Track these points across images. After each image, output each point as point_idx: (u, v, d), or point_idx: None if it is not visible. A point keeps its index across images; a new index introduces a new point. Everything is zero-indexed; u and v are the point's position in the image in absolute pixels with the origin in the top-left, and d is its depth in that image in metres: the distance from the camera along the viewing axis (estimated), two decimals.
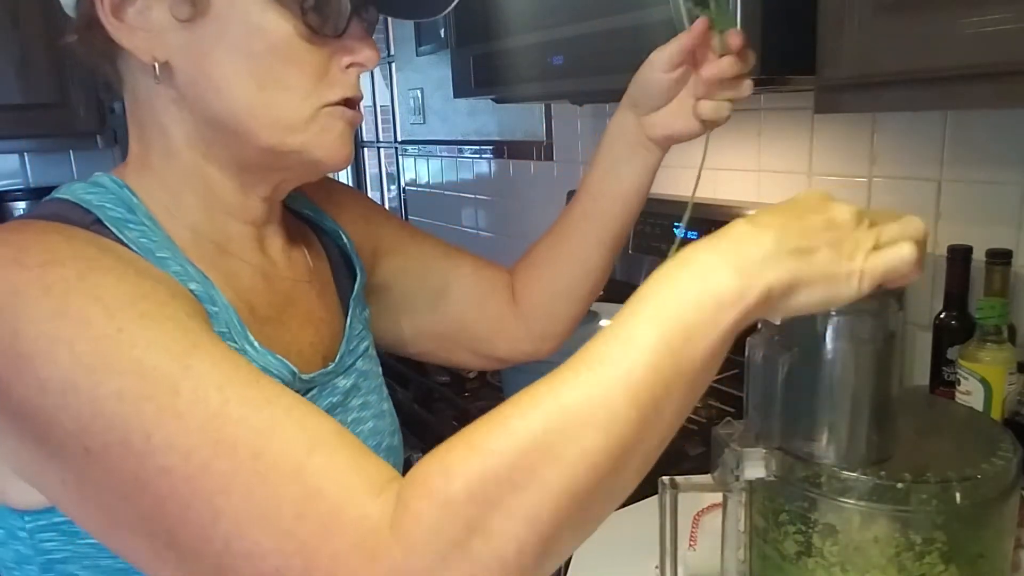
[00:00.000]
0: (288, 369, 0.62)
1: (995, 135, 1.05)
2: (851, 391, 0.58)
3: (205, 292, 0.58)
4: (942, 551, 0.57)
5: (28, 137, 2.06)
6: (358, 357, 0.76)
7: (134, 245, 0.56)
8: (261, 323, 0.64)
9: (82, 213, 0.56)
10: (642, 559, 0.85)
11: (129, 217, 0.58)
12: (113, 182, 0.61)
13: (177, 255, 0.59)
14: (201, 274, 0.59)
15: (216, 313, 0.58)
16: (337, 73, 0.61)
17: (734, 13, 0.86)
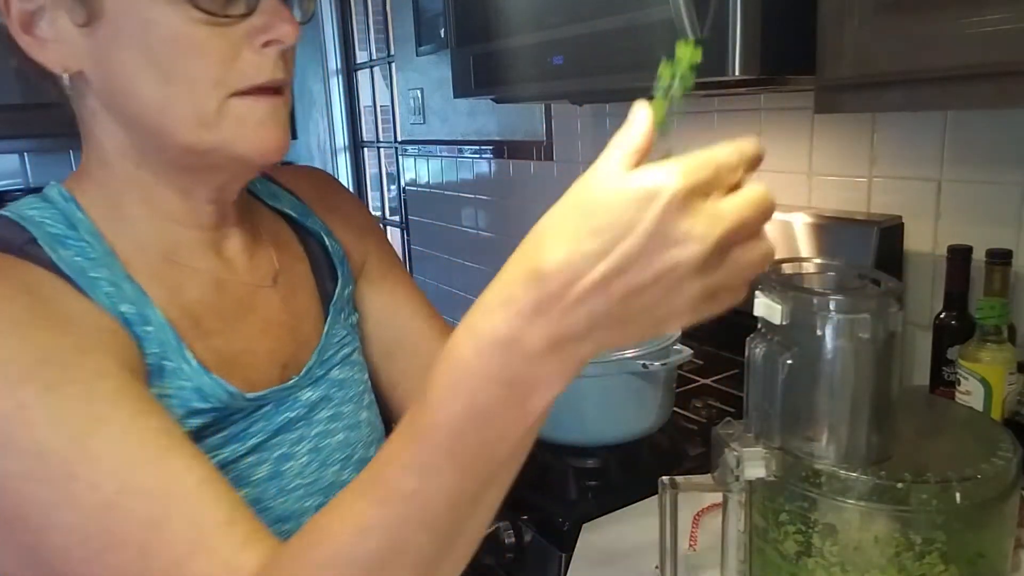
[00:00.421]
0: (224, 390, 0.61)
1: (995, 135, 1.05)
2: (851, 391, 0.58)
3: (138, 313, 0.58)
4: (942, 551, 0.57)
5: (28, 137, 2.06)
6: (334, 366, 0.74)
7: (65, 265, 0.56)
8: (207, 336, 0.64)
9: (18, 232, 0.57)
10: (642, 559, 0.85)
11: (69, 234, 0.59)
12: (61, 195, 0.62)
13: (115, 271, 0.59)
14: (138, 291, 0.59)
15: (150, 333, 0.59)
16: (251, 56, 0.57)
17: (734, 13, 0.86)
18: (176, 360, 0.60)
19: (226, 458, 0.63)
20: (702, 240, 0.37)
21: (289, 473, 0.68)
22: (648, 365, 1.00)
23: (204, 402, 0.61)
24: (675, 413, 1.15)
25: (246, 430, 0.65)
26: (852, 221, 1.19)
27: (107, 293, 0.58)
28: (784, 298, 0.59)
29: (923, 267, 1.17)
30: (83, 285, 0.56)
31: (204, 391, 0.61)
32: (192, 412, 0.60)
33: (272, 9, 0.57)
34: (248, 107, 0.57)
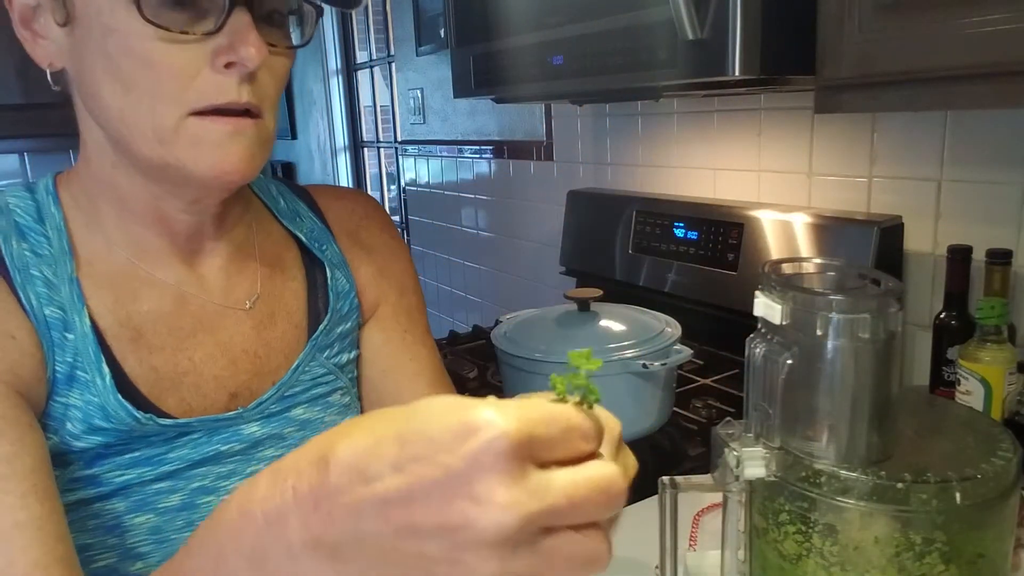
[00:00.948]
0: (130, 414, 0.60)
1: (995, 135, 1.05)
2: (851, 391, 0.58)
3: (62, 319, 0.59)
4: (942, 551, 0.57)
5: (28, 137, 2.06)
6: (299, 404, 0.70)
7: (9, 258, 0.58)
8: (148, 351, 0.62)
9: None
10: (642, 559, 0.85)
11: (33, 227, 0.61)
12: (45, 187, 0.63)
13: (61, 271, 0.60)
14: (75, 296, 0.59)
15: (68, 341, 0.59)
16: (211, 75, 0.54)
17: (734, 13, 0.86)
18: (90, 373, 0.59)
19: (130, 480, 0.61)
20: (506, 509, 0.29)
21: (205, 507, 0.64)
22: (648, 365, 1.00)
23: (106, 422, 0.59)
24: (675, 413, 1.15)
25: (162, 455, 0.63)
26: (852, 221, 1.19)
27: (37, 293, 0.58)
28: (784, 298, 0.59)
29: (923, 267, 1.17)
30: (17, 280, 0.58)
31: (107, 411, 0.59)
32: (93, 429, 0.59)
33: (238, 30, 0.54)
34: (205, 128, 0.56)
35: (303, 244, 0.75)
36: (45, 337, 0.58)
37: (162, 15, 0.53)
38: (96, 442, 0.60)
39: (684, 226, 1.46)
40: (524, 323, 1.15)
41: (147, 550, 0.62)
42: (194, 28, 0.54)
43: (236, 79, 0.55)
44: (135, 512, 0.62)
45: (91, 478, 0.60)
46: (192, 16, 0.54)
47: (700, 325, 1.32)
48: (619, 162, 1.75)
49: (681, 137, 1.57)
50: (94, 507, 0.60)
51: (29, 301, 0.58)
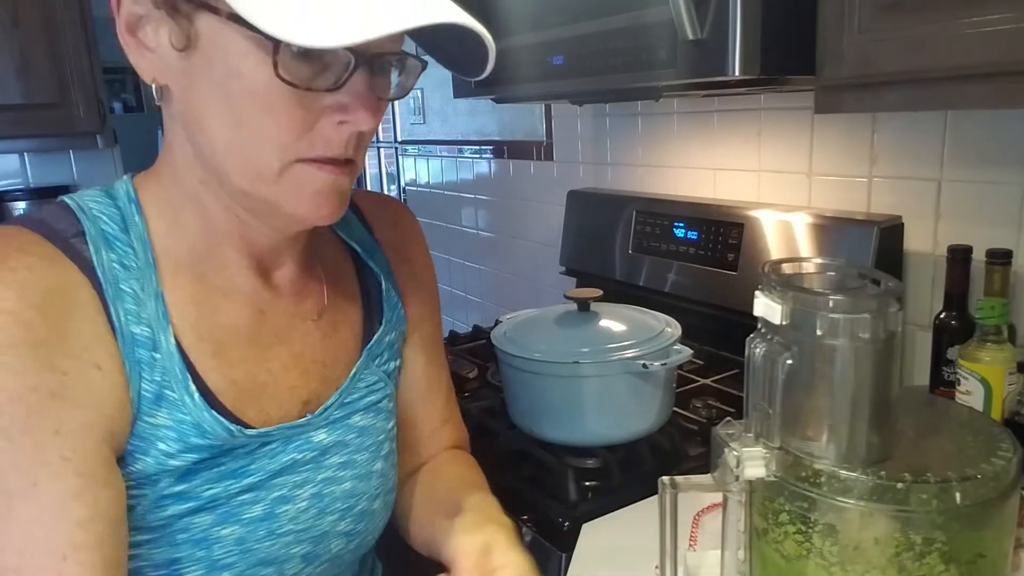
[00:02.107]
0: (225, 428, 0.61)
1: (995, 135, 1.05)
2: (851, 391, 0.58)
3: (151, 337, 0.58)
4: (942, 551, 0.57)
5: (28, 137, 2.06)
6: (357, 411, 0.72)
7: (102, 269, 0.57)
8: (229, 364, 0.63)
9: (71, 221, 0.58)
10: (642, 559, 0.85)
11: (120, 236, 0.59)
12: (127, 194, 0.62)
13: (147, 285, 0.59)
14: (161, 312, 0.59)
15: (156, 360, 0.58)
16: (326, 128, 0.56)
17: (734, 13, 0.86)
18: (178, 391, 0.59)
19: (218, 494, 0.62)
20: None
21: (284, 516, 0.66)
22: (648, 365, 1.00)
23: (203, 438, 0.60)
24: (675, 413, 1.15)
25: (245, 467, 0.64)
26: (852, 221, 1.19)
27: (127, 310, 0.57)
28: (784, 298, 0.59)
29: (923, 267, 1.17)
30: (109, 295, 0.57)
31: (204, 427, 0.60)
32: (189, 446, 0.60)
33: (358, 92, 0.55)
34: (310, 175, 0.57)
35: (356, 252, 0.76)
36: (131, 358, 0.57)
37: (291, 69, 0.53)
38: (191, 459, 0.60)
39: (684, 226, 1.46)
40: (524, 323, 1.15)
41: (232, 560, 0.63)
42: (316, 82, 0.54)
43: (346, 136, 0.57)
44: (221, 524, 0.63)
45: (181, 494, 0.61)
46: (316, 70, 0.54)
47: (700, 325, 1.32)
48: (619, 162, 1.75)
49: (681, 137, 1.57)
50: (183, 521, 0.61)
51: (118, 318, 0.57)
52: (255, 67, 0.53)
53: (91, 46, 2.04)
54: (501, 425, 1.17)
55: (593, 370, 1.02)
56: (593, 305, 1.14)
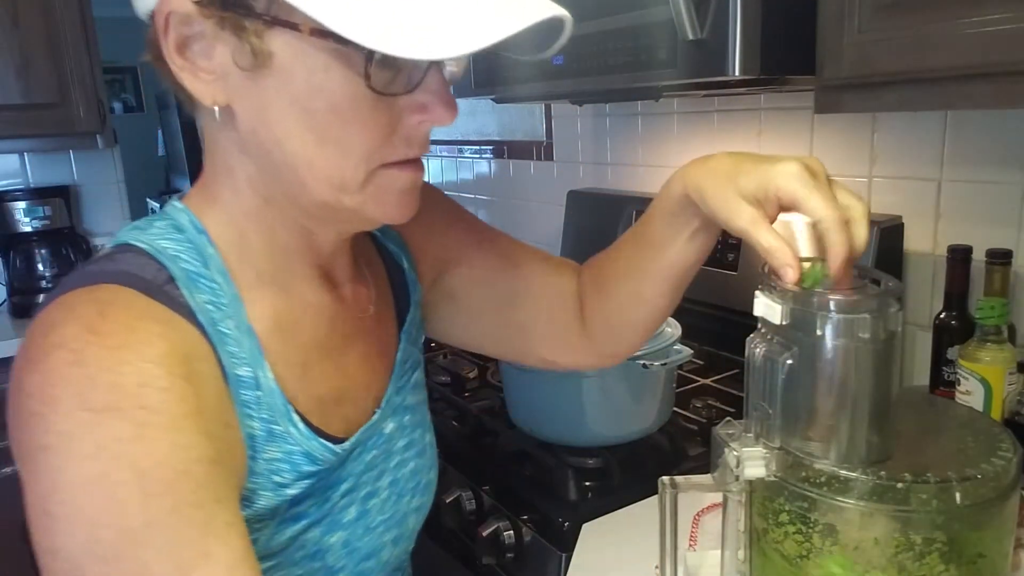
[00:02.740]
0: (331, 451, 0.61)
1: (995, 135, 1.05)
2: (851, 391, 0.58)
3: (252, 375, 0.57)
4: (942, 551, 0.57)
5: (28, 137, 2.06)
6: (407, 392, 0.73)
7: (201, 314, 0.54)
8: (313, 383, 0.62)
9: (155, 268, 0.55)
10: (642, 559, 0.85)
11: (202, 273, 0.57)
12: (192, 224, 0.59)
13: (240, 321, 0.57)
14: (255, 347, 0.58)
15: (260, 399, 0.57)
16: (407, 130, 0.55)
17: (734, 13, 0.86)
18: (283, 424, 0.58)
19: (326, 508, 0.63)
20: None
21: (373, 510, 0.68)
22: (648, 365, 1.00)
23: (313, 465, 0.60)
24: (675, 413, 1.15)
25: (340, 476, 0.64)
26: None
27: (230, 352, 0.56)
28: (784, 298, 0.59)
29: (923, 267, 1.17)
30: (215, 341, 0.55)
31: (313, 455, 0.60)
32: (302, 475, 0.60)
33: (435, 88, 0.54)
34: (393, 178, 0.57)
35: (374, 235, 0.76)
36: (239, 400, 0.56)
37: (378, 78, 0.51)
38: (305, 485, 0.60)
39: None
40: None
41: (343, 564, 0.65)
42: (395, 86, 0.53)
43: (425, 134, 0.57)
44: (329, 533, 0.64)
45: (296, 516, 0.61)
46: (393, 73, 0.52)
47: (700, 325, 1.32)
48: (619, 162, 1.75)
49: (681, 137, 1.57)
50: (299, 540, 0.61)
51: (226, 364, 0.55)
52: (341, 81, 0.51)
53: (91, 46, 2.05)
54: (501, 425, 1.17)
55: (593, 370, 1.02)
56: None
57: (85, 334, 0.48)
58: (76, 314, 0.50)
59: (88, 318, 0.49)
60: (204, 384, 0.52)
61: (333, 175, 0.54)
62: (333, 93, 0.52)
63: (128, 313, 0.51)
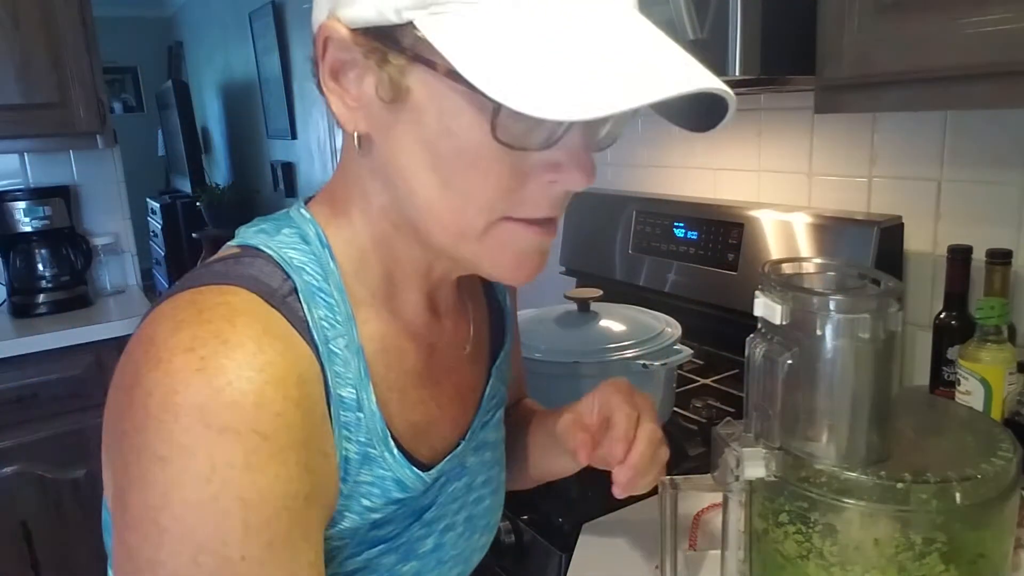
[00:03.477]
0: (422, 480, 0.61)
1: (995, 135, 1.05)
2: (851, 391, 0.58)
3: (356, 398, 0.56)
4: (942, 551, 0.57)
5: (28, 137, 2.06)
6: (490, 428, 0.73)
7: (317, 331, 0.54)
8: (410, 408, 0.62)
9: (282, 278, 0.54)
10: (642, 559, 0.85)
11: (323, 287, 0.57)
12: (319, 237, 0.58)
13: (351, 340, 0.57)
14: (362, 368, 0.57)
15: (360, 421, 0.57)
16: (536, 188, 0.52)
17: (734, 13, 0.86)
18: (379, 448, 0.58)
19: (406, 536, 0.62)
20: None
21: (448, 543, 0.67)
22: (648, 365, 1.00)
23: (403, 492, 0.60)
24: (675, 413, 1.15)
25: (425, 505, 0.64)
26: (852, 221, 1.19)
27: (336, 372, 0.55)
28: (784, 298, 0.59)
29: (923, 267, 1.17)
30: (324, 359, 0.54)
31: (404, 483, 0.59)
32: (390, 501, 0.59)
33: (572, 149, 0.51)
34: (515, 233, 0.54)
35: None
36: (338, 422, 0.55)
37: (507, 128, 0.49)
38: (392, 511, 0.60)
39: (684, 226, 1.46)
40: (524, 323, 1.14)
41: None
42: (529, 140, 0.50)
43: (558, 196, 0.54)
44: (403, 562, 0.63)
45: (375, 539, 0.60)
46: (529, 126, 0.49)
47: (700, 325, 1.32)
48: (619, 162, 1.75)
49: (681, 137, 1.57)
50: (373, 563, 0.61)
51: (331, 383, 0.55)
52: (469, 126, 0.50)
53: (91, 46, 2.04)
54: None
55: (593, 370, 1.02)
56: (593, 305, 1.14)
57: (214, 341, 0.47)
58: (206, 317, 0.49)
59: (218, 323, 0.49)
60: (312, 409, 0.52)
61: (452, 221, 0.53)
62: (460, 138, 0.50)
63: (256, 326, 0.50)
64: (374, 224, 0.59)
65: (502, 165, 0.51)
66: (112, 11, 5.20)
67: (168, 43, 6.30)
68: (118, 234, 2.45)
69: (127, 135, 3.32)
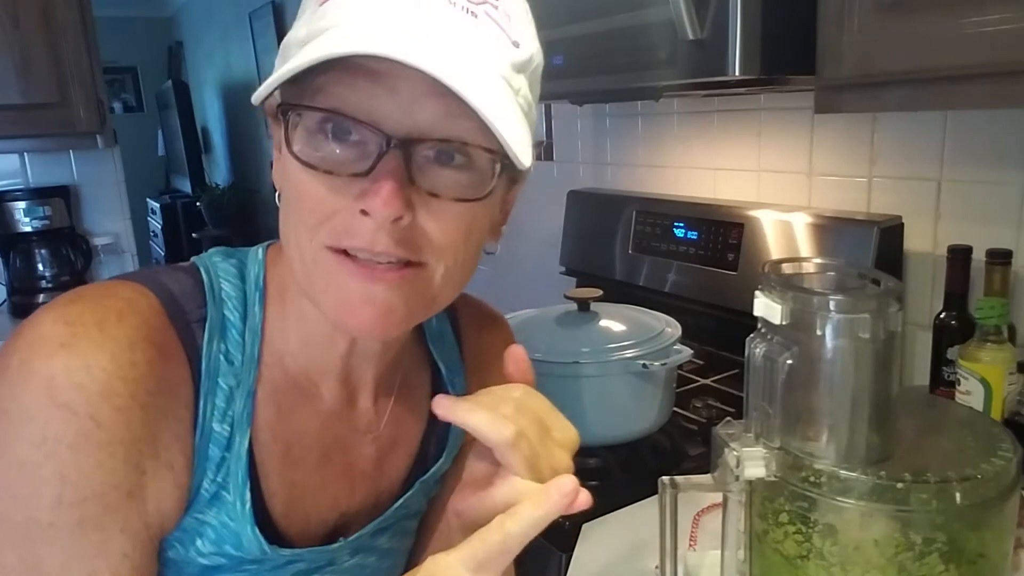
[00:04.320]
0: (260, 548, 0.59)
1: (995, 135, 1.05)
2: (851, 391, 0.58)
3: (228, 437, 0.58)
4: (942, 551, 0.57)
5: (28, 137, 2.06)
6: (391, 535, 0.70)
7: (207, 361, 0.57)
8: (292, 466, 0.62)
9: (198, 304, 0.58)
10: (642, 559, 0.85)
11: (236, 325, 0.59)
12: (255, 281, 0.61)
13: (243, 384, 0.58)
14: (246, 414, 0.58)
15: (226, 460, 0.58)
16: (348, 216, 0.51)
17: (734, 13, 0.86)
18: (234, 495, 0.58)
19: None
20: None
21: None
22: (648, 365, 1.00)
23: (236, 550, 0.59)
24: (675, 413, 1.15)
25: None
26: (852, 221, 1.19)
27: (215, 405, 0.57)
28: (784, 298, 0.59)
29: (923, 267, 1.17)
30: (204, 389, 0.57)
31: (241, 540, 0.59)
32: (221, 552, 0.59)
33: (380, 176, 0.50)
34: (333, 266, 0.53)
35: (438, 370, 0.72)
36: (202, 454, 0.57)
37: (319, 151, 0.51)
38: (219, 562, 0.60)
39: (684, 226, 1.46)
40: (524, 323, 1.15)
41: None
42: (346, 167, 0.51)
43: (370, 227, 0.51)
44: None
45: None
46: (353, 155, 0.51)
47: (700, 325, 1.32)
48: (619, 162, 1.75)
49: (681, 137, 1.57)
50: None
51: (204, 412, 0.57)
52: (282, 147, 0.53)
53: (91, 46, 2.04)
54: None
55: (593, 370, 1.02)
56: (593, 305, 1.14)
57: (93, 326, 0.51)
58: (103, 304, 0.53)
59: (107, 313, 0.53)
60: (162, 421, 0.54)
61: (295, 248, 0.55)
62: (287, 164, 0.54)
63: (141, 329, 0.54)
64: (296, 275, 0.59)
65: (316, 189, 0.52)
66: (112, 11, 5.20)
67: (168, 43, 6.30)
68: (118, 234, 2.45)
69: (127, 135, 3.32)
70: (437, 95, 0.48)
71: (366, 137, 0.50)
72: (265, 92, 0.50)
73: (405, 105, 0.49)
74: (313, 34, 0.50)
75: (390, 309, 0.53)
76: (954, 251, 1.00)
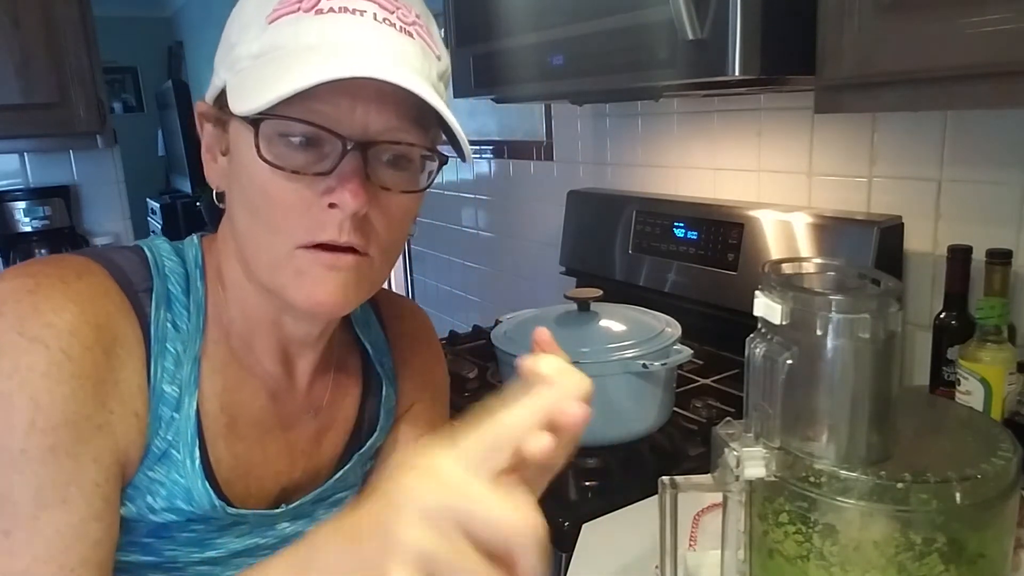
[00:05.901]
0: (211, 501, 0.63)
1: (995, 135, 1.05)
2: (851, 391, 0.58)
3: (177, 397, 0.61)
4: (942, 551, 0.57)
5: (28, 137, 2.06)
6: (324, 506, 0.74)
7: (155, 326, 0.61)
8: (236, 439, 0.66)
9: (144, 276, 0.63)
10: (642, 559, 0.85)
11: (180, 298, 0.64)
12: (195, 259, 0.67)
13: (190, 350, 0.63)
14: (193, 377, 0.62)
15: (174, 421, 0.62)
16: (318, 213, 0.57)
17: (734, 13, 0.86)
18: (183, 454, 0.62)
19: (177, 556, 0.64)
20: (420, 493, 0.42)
21: None
22: (648, 365, 1.00)
23: (187, 504, 0.62)
24: (675, 413, 1.15)
25: (212, 540, 0.66)
26: (852, 221, 1.19)
27: (165, 368, 0.61)
28: (784, 298, 0.59)
29: (923, 267, 1.17)
30: (154, 352, 0.61)
31: (192, 495, 0.62)
32: (173, 508, 0.62)
33: (344, 174, 0.57)
34: (308, 261, 0.59)
35: (367, 353, 0.78)
36: (154, 413, 0.61)
37: (282, 155, 0.56)
38: (170, 519, 0.62)
39: (684, 226, 1.46)
40: (524, 323, 1.15)
41: None
42: (310, 168, 0.57)
43: (338, 219, 0.57)
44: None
45: (146, 545, 0.63)
46: (313, 158, 0.57)
47: (700, 325, 1.32)
48: (619, 162, 1.75)
49: (681, 137, 1.57)
50: (139, 572, 0.63)
51: (155, 374, 0.61)
52: (251, 156, 0.57)
53: (91, 46, 2.04)
54: None
55: (593, 370, 1.00)
56: (593, 305, 1.14)
57: (57, 280, 0.56)
58: (65, 264, 0.59)
59: (66, 272, 0.58)
60: (122, 370, 0.59)
61: (261, 250, 0.60)
62: (250, 169, 0.58)
63: (98, 288, 0.59)
64: (235, 268, 0.65)
65: (285, 192, 0.57)
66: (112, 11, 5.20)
67: (168, 43, 6.30)
68: (118, 234, 2.45)
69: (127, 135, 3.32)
70: (387, 104, 0.57)
71: (328, 141, 0.56)
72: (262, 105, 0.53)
73: (361, 114, 0.57)
74: (269, 50, 0.57)
75: (347, 288, 0.60)
76: (954, 251, 1.00)
